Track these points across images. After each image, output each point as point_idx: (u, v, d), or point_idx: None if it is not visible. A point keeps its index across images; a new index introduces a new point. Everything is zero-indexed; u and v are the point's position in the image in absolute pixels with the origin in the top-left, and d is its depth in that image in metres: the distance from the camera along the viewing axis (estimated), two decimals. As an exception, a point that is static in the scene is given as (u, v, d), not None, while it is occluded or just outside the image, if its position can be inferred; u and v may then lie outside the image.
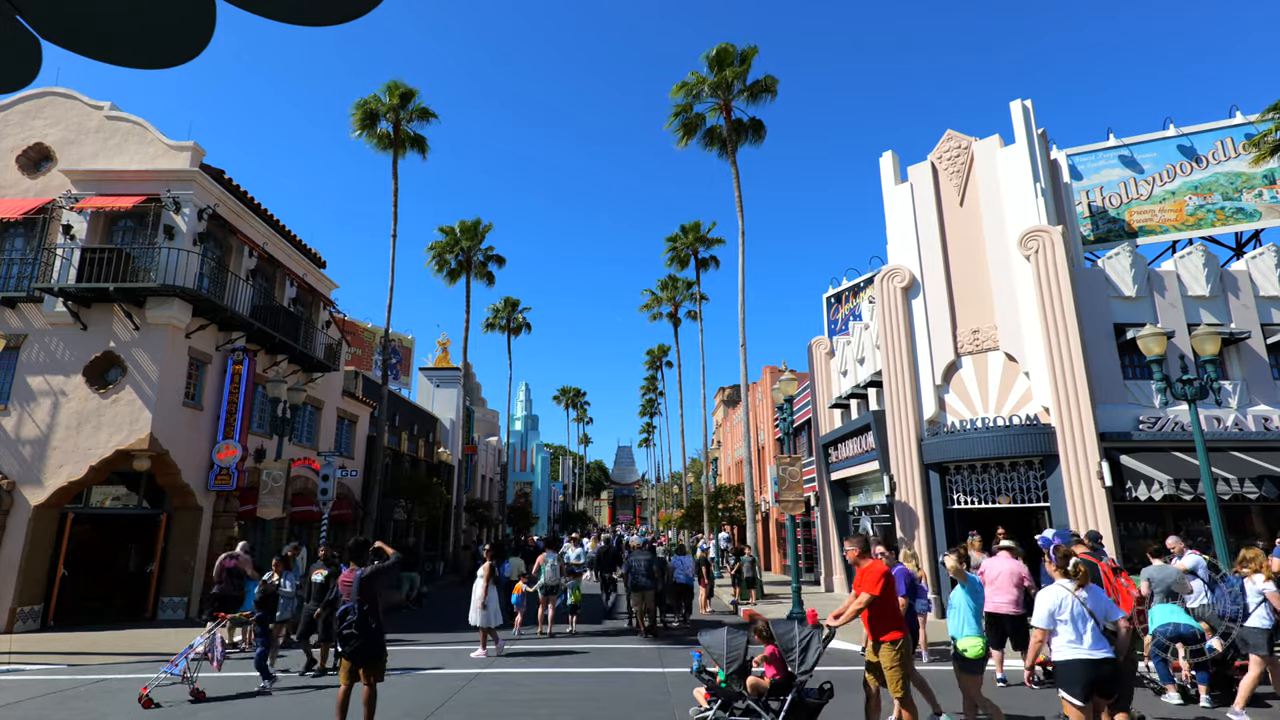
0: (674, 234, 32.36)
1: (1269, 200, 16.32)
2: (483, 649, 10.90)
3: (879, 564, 5.92)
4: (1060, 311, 13.68)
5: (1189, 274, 14.42)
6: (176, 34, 1.31)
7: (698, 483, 50.93)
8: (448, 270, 30.82)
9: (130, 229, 16.13)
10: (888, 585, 5.78)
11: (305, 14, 1.27)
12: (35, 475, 14.22)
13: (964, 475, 14.74)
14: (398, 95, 23.24)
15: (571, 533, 29.90)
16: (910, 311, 16.15)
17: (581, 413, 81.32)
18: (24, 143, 16.45)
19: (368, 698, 6.24)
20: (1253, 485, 11.68)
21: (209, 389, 16.45)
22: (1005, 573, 8.66)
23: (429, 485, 26.74)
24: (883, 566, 5.88)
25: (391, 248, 23.32)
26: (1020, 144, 15.28)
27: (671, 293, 37.77)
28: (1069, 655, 5.06)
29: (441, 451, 33.20)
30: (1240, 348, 14.06)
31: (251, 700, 8.33)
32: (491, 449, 44.82)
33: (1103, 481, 12.73)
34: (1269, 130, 14.41)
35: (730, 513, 30.29)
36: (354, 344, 33.34)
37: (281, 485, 15.22)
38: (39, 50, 1.36)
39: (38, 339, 14.99)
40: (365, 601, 6.26)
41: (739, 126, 22.08)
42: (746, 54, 21.01)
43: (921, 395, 15.59)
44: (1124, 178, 17.36)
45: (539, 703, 8.01)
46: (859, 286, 22.62)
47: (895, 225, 16.96)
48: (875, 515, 17.62)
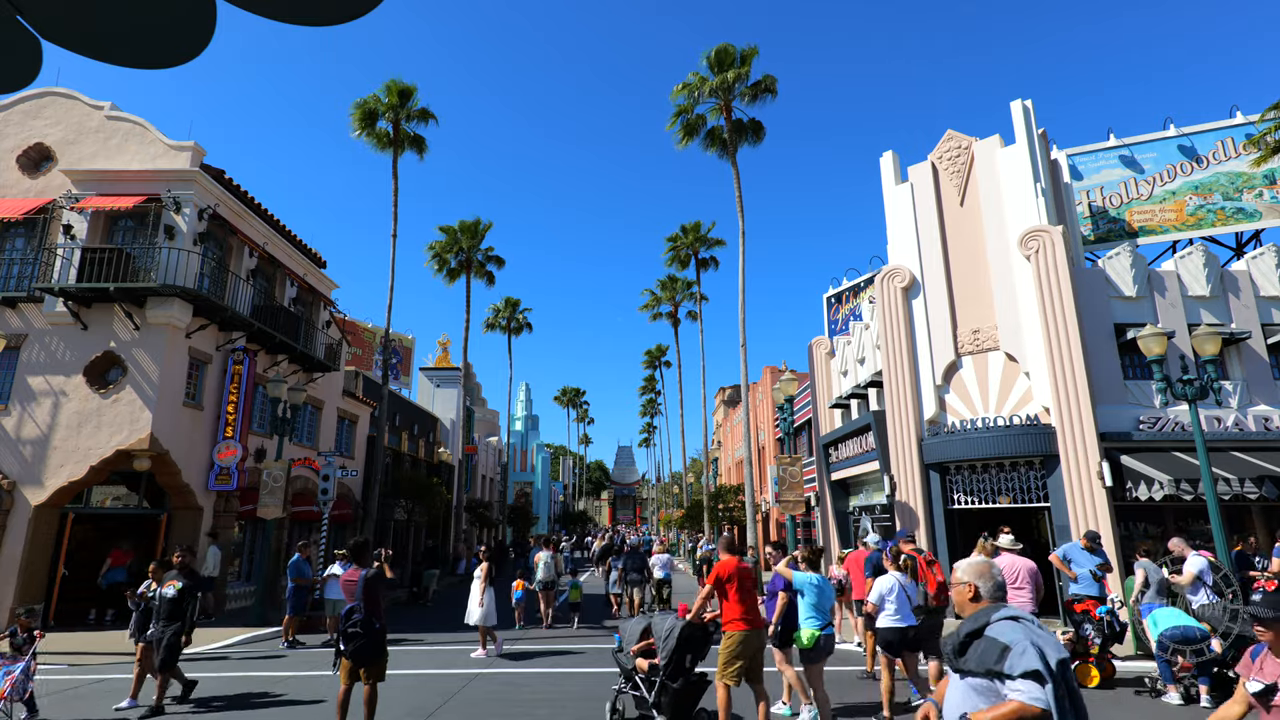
0: (674, 234, 32.39)
1: (1269, 200, 16.31)
2: (483, 649, 10.92)
3: (725, 561, 6.42)
4: (1060, 311, 13.67)
5: (1189, 274, 14.42)
6: (176, 34, 1.31)
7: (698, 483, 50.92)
8: (447, 270, 30.82)
9: (130, 229, 16.14)
10: (729, 579, 6.26)
11: (305, 14, 1.27)
12: (35, 475, 14.23)
13: (964, 475, 14.73)
14: (396, 93, 23.23)
15: (552, 535, 29.59)
16: (910, 311, 16.15)
17: (582, 413, 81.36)
18: (24, 143, 16.45)
19: (368, 698, 6.24)
20: (1253, 485, 11.68)
21: (209, 389, 16.45)
22: (1024, 570, 8.65)
23: (429, 485, 26.74)
24: (727, 563, 6.36)
25: (391, 248, 23.33)
26: (1020, 144, 15.27)
27: (671, 293, 37.79)
28: (892, 624, 6.97)
29: (442, 451, 33.20)
30: (1240, 348, 14.05)
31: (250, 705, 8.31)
32: (492, 449, 44.82)
33: (1103, 481, 12.72)
34: (1269, 130, 14.40)
35: (730, 513, 30.30)
36: (354, 344, 33.33)
37: (281, 485, 15.23)
38: (39, 50, 1.36)
39: (38, 339, 14.99)
40: (368, 602, 6.28)
41: (739, 127, 22.08)
42: (747, 54, 21.01)
43: (922, 395, 15.59)
44: (1124, 178, 17.35)
45: (539, 703, 8.01)
46: (859, 286, 22.61)
47: (895, 225, 16.96)
48: (875, 515, 17.62)
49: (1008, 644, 2.50)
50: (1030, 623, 2.61)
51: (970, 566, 2.91)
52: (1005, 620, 2.61)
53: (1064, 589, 10.25)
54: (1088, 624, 8.45)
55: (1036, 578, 8.64)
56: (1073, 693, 2.50)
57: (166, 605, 7.84)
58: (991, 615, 2.66)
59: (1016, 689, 2.41)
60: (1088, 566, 8.99)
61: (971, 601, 2.82)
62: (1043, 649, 2.48)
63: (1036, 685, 2.39)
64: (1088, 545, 9.18)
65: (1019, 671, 2.42)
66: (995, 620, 2.62)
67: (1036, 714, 2.35)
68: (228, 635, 12.95)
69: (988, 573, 2.86)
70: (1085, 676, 8.38)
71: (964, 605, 2.84)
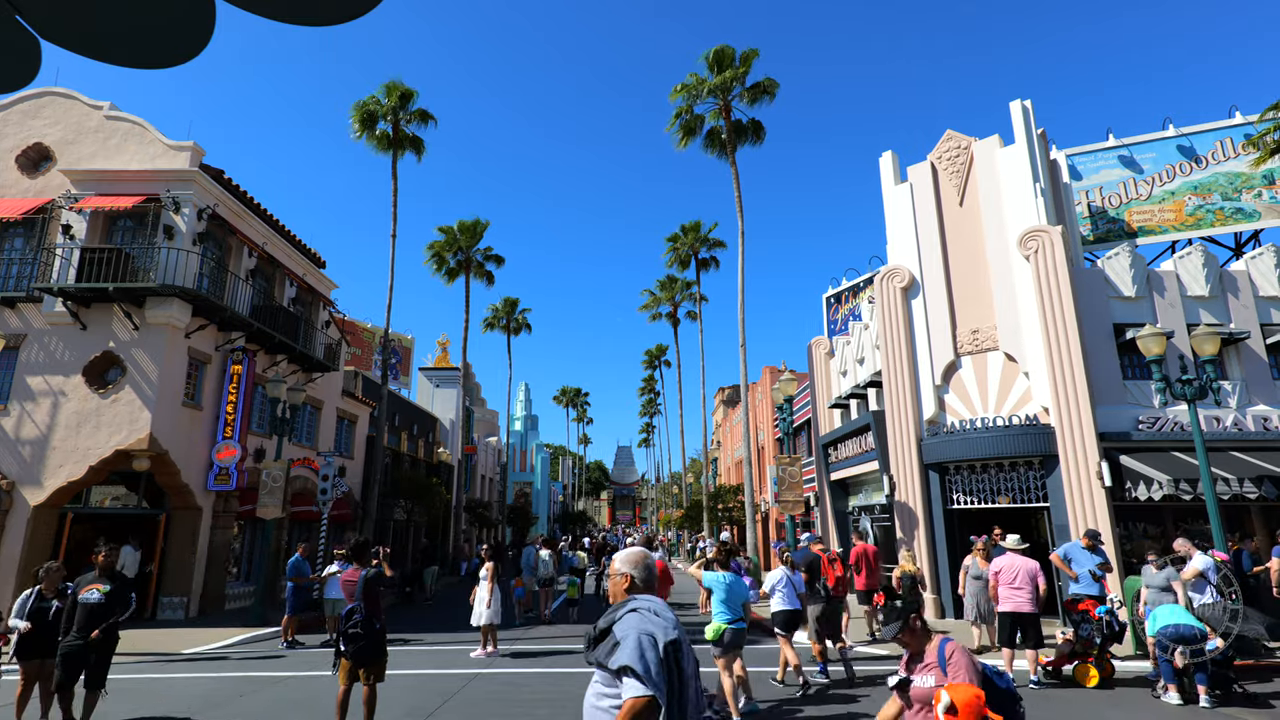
0: (675, 234, 32.39)
1: (1268, 200, 16.31)
2: (483, 649, 10.93)
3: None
4: (1060, 311, 13.67)
5: (1188, 274, 14.42)
6: (175, 34, 1.31)
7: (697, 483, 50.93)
8: (446, 270, 30.81)
9: (130, 229, 16.13)
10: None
11: (305, 14, 1.26)
12: (35, 475, 14.22)
13: (964, 475, 14.73)
14: (396, 95, 23.24)
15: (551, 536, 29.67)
16: (910, 311, 16.15)
17: (581, 413, 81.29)
18: (23, 143, 16.44)
19: (368, 698, 6.24)
20: (1252, 485, 11.68)
21: (209, 389, 16.44)
22: (1023, 571, 8.67)
23: (429, 485, 26.74)
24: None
25: (391, 248, 23.32)
26: (1020, 144, 15.27)
27: (671, 293, 37.80)
28: (781, 608, 8.37)
29: (441, 451, 33.20)
30: (1240, 348, 14.05)
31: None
32: (491, 449, 44.80)
33: (1102, 481, 12.73)
34: (1268, 130, 14.40)
35: (730, 513, 30.30)
36: (354, 344, 33.32)
37: (281, 485, 15.22)
38: (38, 50, 1.36)
39: (37, 339, 14.98)
40: (369, 602, 6.28)
41: (739, 127, 22.08)
42: (746, 55, 21.01)
43: (921, 395, 15.59)
44: (1123, 178, 17.35)
45: (539, 703, 8.01)
46: (859, 287, 22.61)
47: (895, 225, 16.95)
48: (875, 515, 17.62)
49: (618, 639, 2.47)
50: (649, 610, 2.56)
51: (627, 557, 2.85)
52: (629, 612, 2.57)
53: (1064, 589, 10.26)
54: (1087, 624, 8.46)
55: (1036, 578, 8.64)
56: (683, 675, 2.47)
57: (84, 613, 6.42)
58: (623, 608, 2.61)
59: (626, 685, 2.38)
60: (1088, 566, 8.99)
61: (626, 592, 2.77)
62: (653, 635, 2.44)
63: (633, 678, 2.35)
64: (1089, 544, 9.19)
65: (615, 666, 2.40)
66: (622, 614, 2.58)
67: (648, 702, 2.32)
68: (227, 635, 12.94)
69: (643, 562, 2.82)
70: (1085, 676, 8.38)
71: (618, 595, 2.79)
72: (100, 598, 6.50)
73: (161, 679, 9.57)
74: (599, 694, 2.51)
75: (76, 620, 6.41)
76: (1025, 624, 8.54)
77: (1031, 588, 8.58)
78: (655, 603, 2.62)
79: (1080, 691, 8.21)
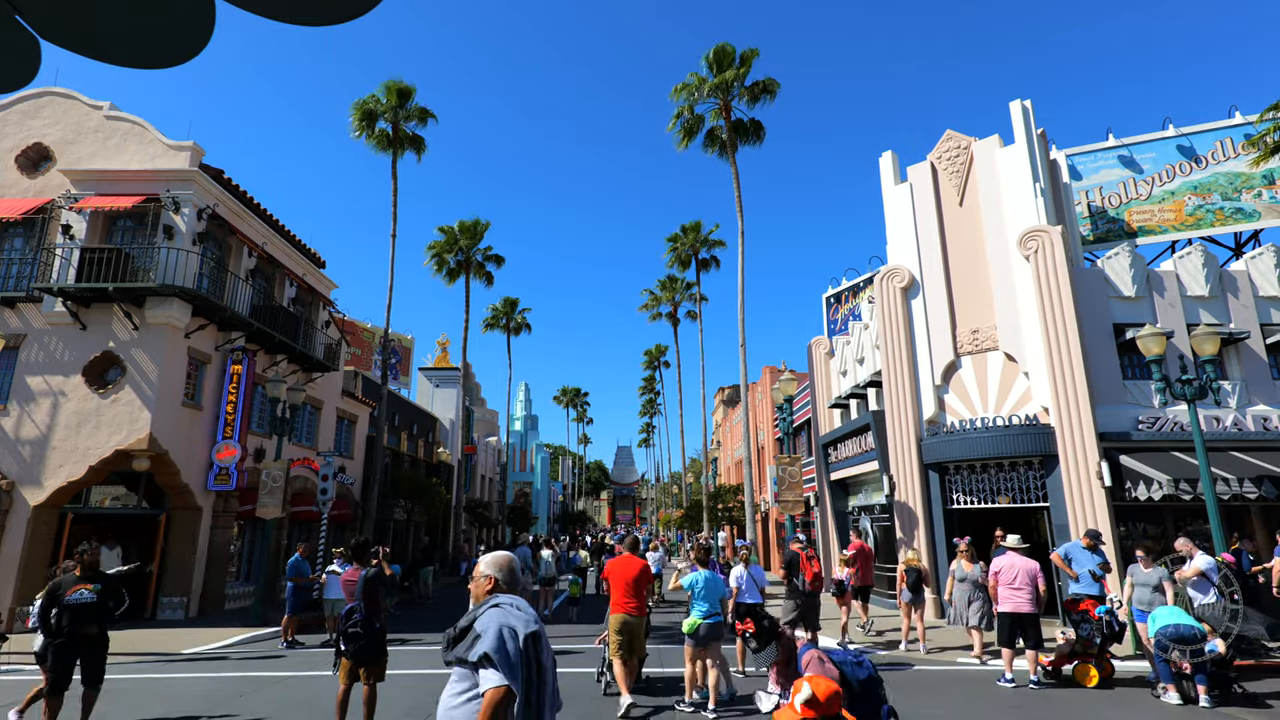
0: (675, 234, 32.37)
1: (1268, 200, 16.32)
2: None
3: (612, 561, 7.99)
4: (1060, 311, 13.67)
5: (1188, 274, 14.42)
6: (175, 34, 1.31)
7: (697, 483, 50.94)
8: (447, 270, 30.80)
9: (130, 229, 16.13)
10: (608, 575, 7.83)
11: (305, 14, 1.26)
12: (34, 475, 14.22)
13: (964, 475, 14.73)
14: (395, 94, 23.23)
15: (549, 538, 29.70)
16: (910, 311, 16.15)
17: (581, 413, 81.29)
18: (23, 143, 16.44)
19: (368, 698, 6.24)
20: (1252, 485, 11.68)
21: (208, 389, 16.44)
22: (1023, 571, 8.66)
23: (428, 485, 26.73)
24: (612, 562, 7.92)
25: (391, 248, 23.33)
26: (1020, 144, 15.27)
27: (671, 293, 37.78)
28: (744, 601, 8.60)
29: (441, 451, 33.20)
30: (1239, 348, 14.06)
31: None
32: (491, 449, 44.80)
33: (1102, 481, 12.73)
34: (1268, 130, 14.40)
35: (730, 513, 30.28)
36: (354, 344, 33.32)
37: (281, 485, 15.22)
38: (38, 50, 1.36)
39: (37, 339, 14.98)
40: (369, 602, 6.28)
41: (739, 128, 22.07)
42: (746, 55, 21.00)
43: (921, 395, 15.59)
44: (1123, 178, 17.35)
45: (539, 703, 8.01)
46: (859, 286, 22.61)
47: (895, 225, 16.95)
48: (875, 515, 17.62)
49: (479, 632, 2.54)
50: (511, 605, 2.66)
51: (492, 559, 2.93)
52: (491, 608, 2.64)
53: (1063, 589, 10.25)
54: (1087, 624, 8.46)
55: (1036, 579, 8.64)
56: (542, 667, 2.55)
57: (76, 614, 6.37)
58: (484, 605, 2.69)
59: (484, 676, 2.46)
60: (1088, 566, 8.99)
61: (488, 592, 2.84)
62: (514, 628, 2.52)
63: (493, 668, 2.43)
64: (1089, 544, 9.19)
65: (475, 657, 2.47)
66: (484, 610, 2.65)
67: (505, 692, 2.39)
68: (227, 635, 12.94)
69: (508, 565, 2.91)
70: (1084, 676, 8.39)
71: (480, 595, 2.86)
72: (92, 596, 6.46)
73: (161, 679, 9.56)
74: (455, 691, 2.58)
75: (67, 622, 6.31)
76: (1025, 624, 8.55)
77: (1031, 588, 8.58)
78: (516, 600, 2.71)
79: (1080, 691, 8.21)
